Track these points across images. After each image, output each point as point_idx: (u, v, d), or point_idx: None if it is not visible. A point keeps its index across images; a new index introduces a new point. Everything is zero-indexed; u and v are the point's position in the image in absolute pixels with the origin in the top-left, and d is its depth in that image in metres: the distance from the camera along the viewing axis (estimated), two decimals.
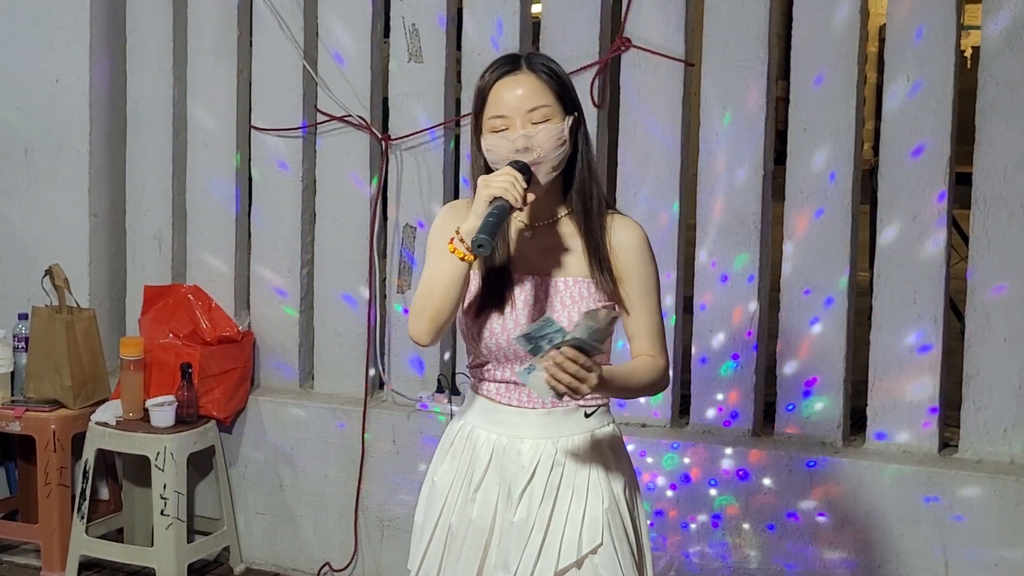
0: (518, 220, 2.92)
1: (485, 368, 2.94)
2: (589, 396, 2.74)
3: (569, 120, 2.84)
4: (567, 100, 2.85)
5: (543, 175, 2.82)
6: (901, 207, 4.28)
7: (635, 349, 2.91)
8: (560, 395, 2.63)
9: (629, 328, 2.91)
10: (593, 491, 2.88)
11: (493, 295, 2.89)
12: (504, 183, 2.74)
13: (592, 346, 2.61)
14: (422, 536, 3.02)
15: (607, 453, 2.92)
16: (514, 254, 2.91)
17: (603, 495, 2.87)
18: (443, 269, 2.81)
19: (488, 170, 2.84)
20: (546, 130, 2.80)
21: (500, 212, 2.72)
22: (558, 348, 2.60)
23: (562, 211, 2.91)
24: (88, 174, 5.24)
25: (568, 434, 2.91)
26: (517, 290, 2.88)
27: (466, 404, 3.03)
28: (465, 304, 2.90)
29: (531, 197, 2.79)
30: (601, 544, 2.85)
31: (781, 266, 4.45)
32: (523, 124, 2.80)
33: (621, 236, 2.88)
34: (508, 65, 2.85)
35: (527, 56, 2.87)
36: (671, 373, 2.93)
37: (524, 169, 2.78)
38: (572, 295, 2.86)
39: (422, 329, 2.87)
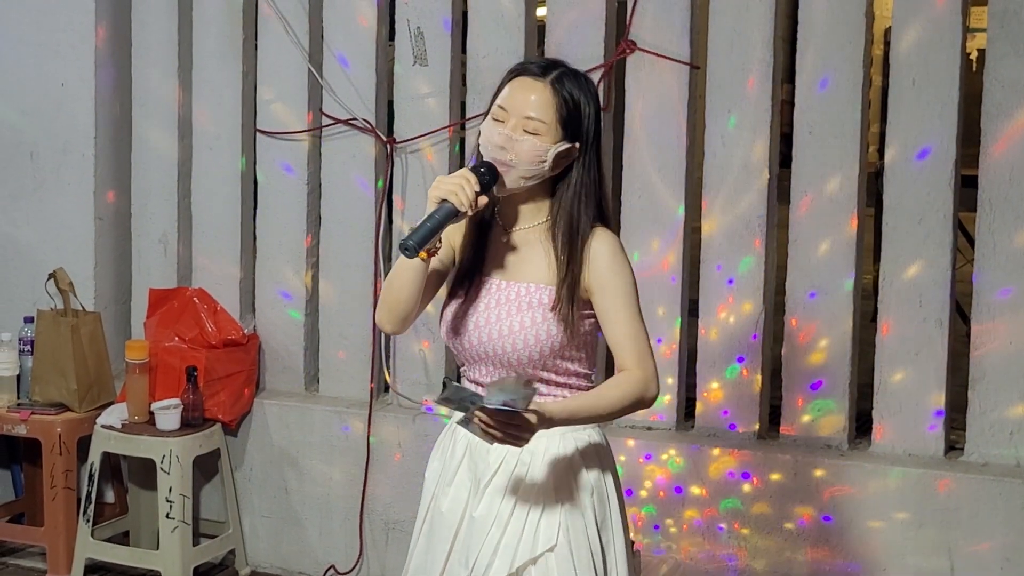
0: (499, 224, 2.95)
1: (463, 367, 3.00)
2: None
3: (561, 146, 2.82)
4: (571, 127, 2.84)
5: (511, 180, 2.84)
6: (906, 210, 4.28)
7: (616, 362, 2.89)
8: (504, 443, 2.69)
9: (609, 339, 2.88)
10: (556, 492, 2.87)
11: (460, 294, 2.95)
12: (453, 186, 2.77)
13: (510, 409, 2.63)
14: (414, 535, 3.08)
15: (576, 458, 2.90)
16: (488, 256, 2.94)
17: (564, 498, 2.87)
18: (401, 265, 2.88)
19: (480, 155, 2.88)
20: (528, 142, 2.81)
21: (442, 215, 2.76)
22: (479, 409, 2.64)
23: (541, 219, 2.91)
24: (93, 177, 5.24)
25: (538, 435, 2.90)
26: (483, 291, 2.91)
27: None
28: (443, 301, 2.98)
29: (483, 201, 2.81)
30: (556, 545, 2.85)
31: (786, 269, 4.45)
32: (515, 126, 2.81)
33: (592, 248, 2.86)
34: (537, 68, 2.86)
35: (561, 70, 2.86)
36: (659, 382, 2.86)
37: (490, 169, 2.81)
38: (530, 301, 2.86)
39: (382, 318, 2.99)
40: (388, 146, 4.91)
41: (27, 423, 4.94)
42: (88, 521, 4.89)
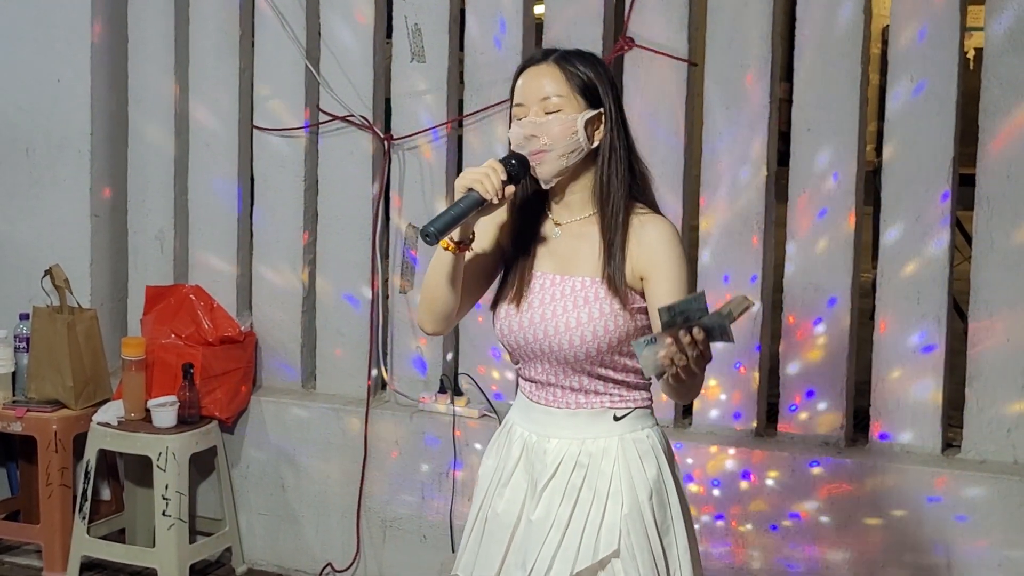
0: (550, 218, 2.92)
1: (519, 366, 2.96)
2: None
3: (588, 113, 2.81)
4: (591, 95, 2.83)
5: (551, 164, 2.81)
6: (904, 207, 4.28)
7: None
8: (660, 375, 2.57)
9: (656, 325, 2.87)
10: (614, 496, 2.85)
11: (512, 292, 2.91)
12: (479, 175, 2.75)
13: (721, 329, 2.51)
14: (466, 530, 3.05)
15: (636, 460, 2.87)
16: (540, 251, 2.91)
17: (623, 501, 2.84)
18: (435, 259, 2.86)
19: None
20: (555, 119, 2.79)
21: (467, 204, 2.74)
22: (690, 329, 2.50)
23: (591, 210, 2.89)
24: (89, 174, 5.24)
25: (595, 436, 2.88)
26: (536, 287, 2.88)
27: (516, 401, 3.04)
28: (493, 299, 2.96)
29: (510, 191, 2.79)
30: (617, 550, 2.82)
31: (784, 267, 4.45)
32: (536, 112, 2.81)
33: (645, 234, 2.83)
34: (535, 57, 2.87)
35: (560, 52, 2.87)
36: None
37: (520, 160, 2.80)
38: (586, 296, 2.83)
39: (422, 318, 2.96)
40: (385, 143, 4.90)
41: (23, 420, 4.94)
42: (84, 518, 4.88)
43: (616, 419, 2.90)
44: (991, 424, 4.23)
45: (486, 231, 2.95)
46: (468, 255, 2.88)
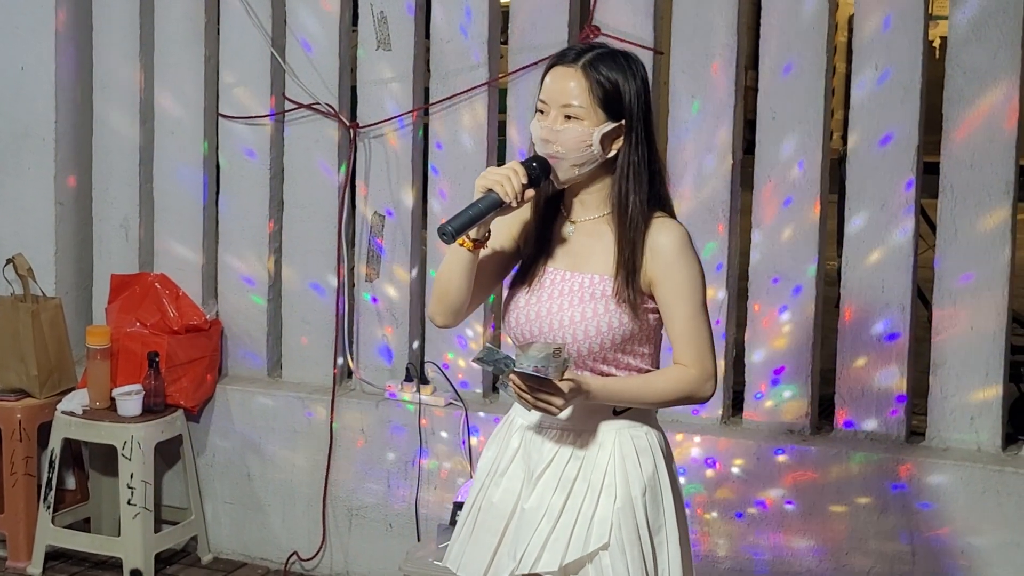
0: (565, 216, 2.94)
1: None
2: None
3: (606, 127, 2.81)
4: (613, 107, 2.82)
5: (564, 171, 2.84)
6: (869, 196, 4.29)
7: (674, 356, 2.89)
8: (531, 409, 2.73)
9: (668, 333, 2.88)
10: (607, 489, 2.86)
11: (523, 286, 2.94)
12: (500, 177, 2.78)
13: (541, 375, 2.66)
14: (459, 523, 3.07)
15: (632, 456, 2.88)
16: (554, 247, 2.94)
17: (616, 494, 2.85)
18: (450, 254, 2.89)
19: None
20: (571, 130, 2.81)
21: (485, 205, 2.78)
22: (512, 372, 2.69)
23: (605, 210, 2.90)
24: (54, 162, 5.20)
25: (593, 429, 2.90)
26: (547, 281, 2.91)
27: None
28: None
29: (530, 194, 2.82)
30: (607, 544, 2.83)
31: (749, 255, 4.46)
32: (556, 116, 2.82)
33: (657, 239, 2.84)
34: (568, 55, 2.86)
35: (596, 52, 2.85)
36: (716, 381, 2.89)
37: (542, 163, 2.82)
38: (592, 292, 2.85)
39: (433, 310, 2.99)
40: (351, 131, 4.89)
41: None
42: (49, 508, 4.86)
43: (615, 413, 2.91)
44: (955, 412, 4.25)
45: (507, 226, 2.98)
46: (484, 252, 2.90)
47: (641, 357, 2.91)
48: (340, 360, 4.98)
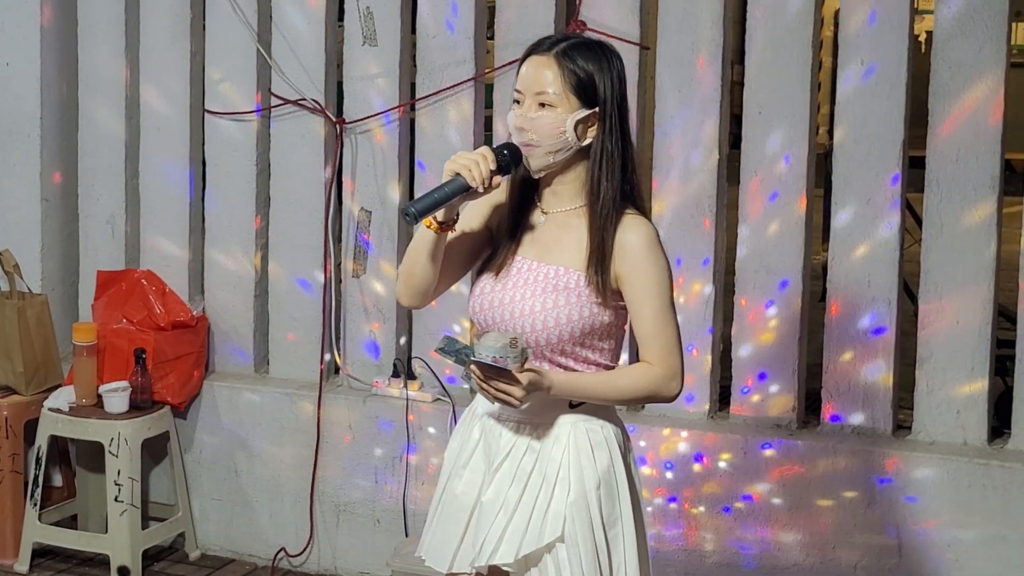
0: (538, 206, 2.95)
1: None
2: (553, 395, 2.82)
3: (579, 114, 2.82)
4: (587, 95, 2.83)
5: (538, 159, 2.85)
6: (855, 190, 4.30)
7: (640, 354, 2.90)
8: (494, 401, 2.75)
9: (635, 331, 2.88)
10: (561, 483, 2.86)
11: (490, 273, 2.94)
12: (468, 162, 2.79)
13: (500, 365, 2.68)
14: (430, 512, 3.08)
15: (587, 450, 2.88)
16: (525, 236, 2.94)
17: (570, 488, 2.85)
18: (418, 235, 2.90)
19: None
20: (545, 117, 2.81)
21: (452, 188, 2.78)
22: (472, 362, 2.72)
23: (578, 202, 2.90)
24: (40, 158, 5.19)
25: (549, 422, 2.90)
26: (514, 270, 2.91)
27: None
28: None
29: (497, 181, 2.82)
30: (561, 536, 2.84)
31: (736, 249, 4.47)
32: (531, 105, 2.83)
33: (625, 236, 2.84)
34: (543, 44, 2.87)
35: (571, 42, 2.86)
36: (682, 380, 2.88)
37: (513, 150, 2.83)
38: (556, 284, 2.86)
39: (399, 290, 3.02)
40: (338, 127, 4.88)
41: None
42: (35, 505, 4.85)
43: (572, 407, 2.91)
44: (941, 406, 4.26)
45: (479, 211, 2.99)
46: (452, 235, 2.91)
47: (601, 352, 2.91)
48: (327, 356, 4.97)
